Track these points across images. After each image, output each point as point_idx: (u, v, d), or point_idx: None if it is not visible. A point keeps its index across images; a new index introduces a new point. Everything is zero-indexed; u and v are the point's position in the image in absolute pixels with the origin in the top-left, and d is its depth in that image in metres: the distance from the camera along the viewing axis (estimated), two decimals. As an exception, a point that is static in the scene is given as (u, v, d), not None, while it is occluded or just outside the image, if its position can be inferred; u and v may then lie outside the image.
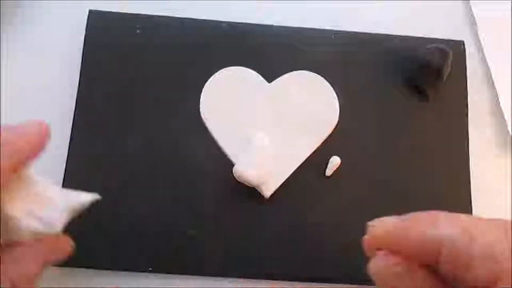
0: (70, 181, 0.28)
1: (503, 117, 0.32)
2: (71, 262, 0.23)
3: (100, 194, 0.22)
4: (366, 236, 0.19)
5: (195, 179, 0.28)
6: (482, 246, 0.16)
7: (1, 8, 0.32)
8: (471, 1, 0.35)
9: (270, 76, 0.31)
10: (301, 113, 0.30)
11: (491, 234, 0.16)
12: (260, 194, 0.29)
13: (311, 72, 0.31)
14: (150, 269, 0.27)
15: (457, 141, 0.31)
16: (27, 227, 0.19)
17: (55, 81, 0.31)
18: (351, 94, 0.31)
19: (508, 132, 0.32)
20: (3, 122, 0.30)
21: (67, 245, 0.22)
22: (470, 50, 0.33)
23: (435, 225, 0.17)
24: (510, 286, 0.15)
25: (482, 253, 0.16)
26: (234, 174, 0.27)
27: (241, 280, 0.28)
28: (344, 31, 0.32)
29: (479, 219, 0.17)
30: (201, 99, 0.30)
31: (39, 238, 0.20)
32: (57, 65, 0.31)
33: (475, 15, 0.34)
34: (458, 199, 0.30)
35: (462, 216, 0.17)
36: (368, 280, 0.28)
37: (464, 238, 0.16)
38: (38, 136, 0.20)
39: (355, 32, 0.33)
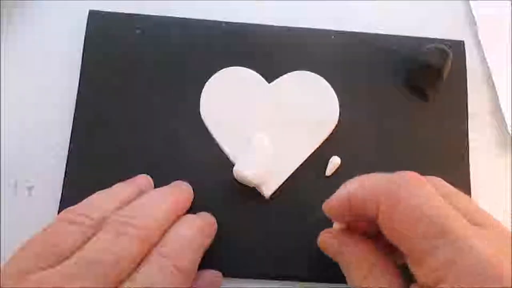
0: (70, 181, 0.28)
1: (503, 117, 0.32)
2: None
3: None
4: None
5: (195, 179, 0.28)
6: (368, 188, 0.21)
7: (1, 8, 0.32)
8: (471, 1, 0.35)
9: (270, 76, 0.31)
10: (301, 113, 0.30)
11: (376, 180, 0.22)
12: (260, 194, 0.29)
13: (311, 72, 0.31)
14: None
15: (457, 141, 0.31)
16: None
17: (55, 81, 0.31)
18: (351, 94, 0.31)
19: (508, 132, 0.32)
20: (3, 122, 0.30)
21: None
22: (470, 50, 0.33)
23: (344, 186, 0.23)
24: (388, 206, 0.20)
25: (369, 194, 0.21)
26: (234, 174, 0.27)
27: (241, 280, 0.28)
28: (344, 31, 0.32)
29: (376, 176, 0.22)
30: (201, 99, 0.30)
31: None
32: (57, 65, 0.31)
33: (475, 15, 0.34)
34: (458, 199, 0.30)
35: (369, 176, 0.22)
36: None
37: (359, 189, 0.22)
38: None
39: (355, 32, 0.33)
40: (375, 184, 0.21)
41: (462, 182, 0.30)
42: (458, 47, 0.32)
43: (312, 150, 0.30)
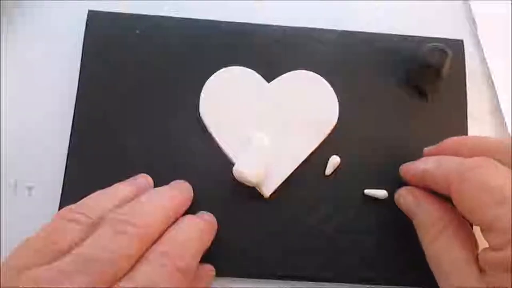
0: (70, 181, 0.28)
1: (503, 117, 0.32)
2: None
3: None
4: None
5: (195, 179, 0.28)
6: (442, 169, 0.24)
7: (1, 8, 0.32)
8: (470, 1, 0.35)
9: (270, 76, 0.31)
10: (300, 112, 0.30)
11: (449, 162, 0.24)
12: (260, 194, 0.29)
13: (310, 72, 0.31)
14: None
15: (456, 140, 0.31)
16: None
17: (55, 81, 0.31)
18: (351, 93, 0.31)
19: (508, 132, 0.32)
20: (3, 122, 0.30)
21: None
22: (469, 50, 0.33)
23: (424, 162, 0.26)
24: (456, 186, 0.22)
25: (441, 174, 0.24)
26: (234, 174, 0.27)
27: (241, 280, 0.28)
28: (343, 30, 0.32)
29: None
30: (200, 99, 0.30)
31: None
32: (57, 65, 0.31)
33: (474, 14, 0.34)
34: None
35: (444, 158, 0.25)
36: (366, 280, 0.28)
37: (434, 168, 0.24)
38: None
39: (355, 32, 0.33)
40: (448, 166, 0.24)
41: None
42: (457, 46, 0.32)
43: (312, 150, 0.30)
